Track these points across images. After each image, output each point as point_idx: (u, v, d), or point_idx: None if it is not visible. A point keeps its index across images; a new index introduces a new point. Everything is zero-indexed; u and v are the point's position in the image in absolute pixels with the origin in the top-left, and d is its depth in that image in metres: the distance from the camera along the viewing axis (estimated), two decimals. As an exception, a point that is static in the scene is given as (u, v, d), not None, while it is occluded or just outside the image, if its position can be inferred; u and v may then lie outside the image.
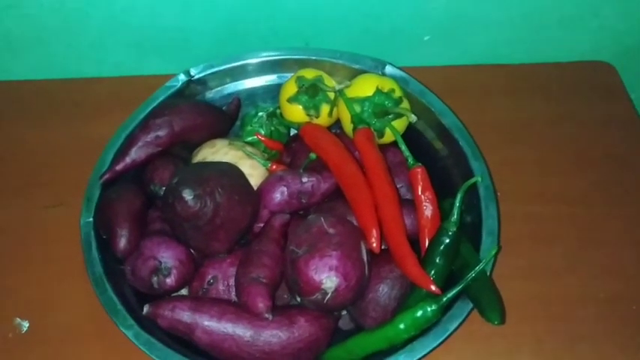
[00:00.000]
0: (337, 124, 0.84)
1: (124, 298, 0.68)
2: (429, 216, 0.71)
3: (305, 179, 0.74)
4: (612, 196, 0.87)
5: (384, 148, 0.80)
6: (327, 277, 0.62)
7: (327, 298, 0.62)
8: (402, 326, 0.63)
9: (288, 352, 0.64)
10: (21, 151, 0.93)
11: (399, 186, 0.79)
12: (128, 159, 0.75)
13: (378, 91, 0.78)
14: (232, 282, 0.69)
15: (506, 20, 0.95)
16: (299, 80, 0.81)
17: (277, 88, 0.85)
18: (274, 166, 0.78)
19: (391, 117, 0.78)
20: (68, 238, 0.75)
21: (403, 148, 0.74)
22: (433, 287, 0.64)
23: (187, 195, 0.63)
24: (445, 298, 0.63)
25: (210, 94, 0.87)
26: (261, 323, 0.64)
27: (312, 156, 0.78)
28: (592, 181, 0.88)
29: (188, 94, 0.85)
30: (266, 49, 0.86)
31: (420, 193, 0.71)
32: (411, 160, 0.73)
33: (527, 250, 0.82)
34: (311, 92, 0.81)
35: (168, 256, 0.68)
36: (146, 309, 0.65)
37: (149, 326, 0.66)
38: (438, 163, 0.81)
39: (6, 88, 0.99)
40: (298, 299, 0.66)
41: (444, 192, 0.74)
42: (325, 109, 0.82)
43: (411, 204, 0.74)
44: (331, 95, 0.81)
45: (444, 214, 0.71)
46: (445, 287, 0.65)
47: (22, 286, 0.81)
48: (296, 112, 0.82)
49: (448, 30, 0.96)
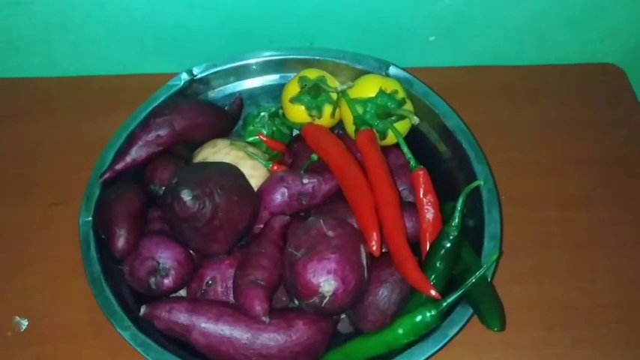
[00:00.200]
0: (340, 125, 0.83)
1: (121, 298, 0.68)
2: (431, 219, 0.70)
3: (306, 180, 0.74)
4: (617, 201, 0.86)
5: (387, 150, 0.79)
6: (325, 281, 0.61)
7: (325, 302, 0.62)
8: (400, 331, 0.62)
9: (285, 356, 0.64)
10: (24, 149, 0.93)
11: (401, 189, 0.78)
12: (128, 158, 0.75)
13: (381, 92, 0.77)
14: (231, 283, 0.69)
15: (513, 21, 0.94)
16: (301, 80, 0.81)
17: (280, 88, 0.84)
18: (275, 167, 0.78)
19: (394, 118, 0.77)
20: (70, 236, 0.75)
21: (405, 150, 0.73)
22: (433, 292, 0.63)
23: (186, 196, 0.63)
24: (445, 304, 0.62)
25: (213, 94, 0.87)
26: (258, 326, 0.63)
27: (314, 157, 0.77)
28: (597, 185, 0.87)
29: (190, 94, 0.84)
30: (269, 49, 0.85)
31: (421, 196, 0.71)
32: (413, 162, 0.72)
33: (530, 254, 0.81)
34: (313, 93, 0.80)
35: (166, 257, 0.68)
36: (143, 310, 0.64)
37: (146, 327, 0.66)
38: (442, 165, 0.80)
39: (8, 86, 0.99)
40: (296, 302, 0.65)
41: (447, 195, 0.73)
42: (328, 109, 0.81)
43: (412, 207, 0.73)
44: (334, 96, 0.80)
45: (446, 217, 0.71)
46: (445, 292, 0.64)
47: (23, 285, 0.80)
48: (298, 113, 0.81)
49: (454, 31, 0.95)
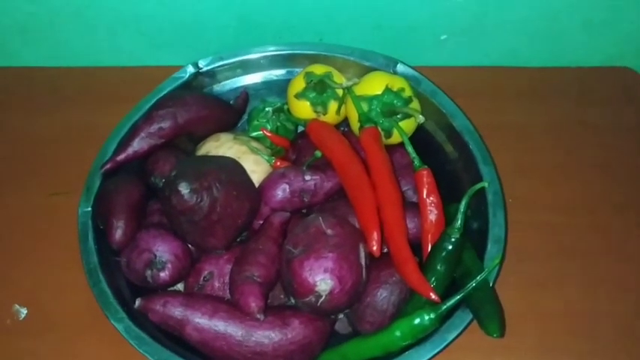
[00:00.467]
0: (345, 122, 0.82)
1: (117, 290, 0.68)
2: (433, 220, 0.68)
3: (308, 177, 0.73)
4: (630, 208, 0.84)
5: (392, 148, 0.78)
6: (321, 280, 0.60)
7: (321, 300, 0.60)
8: (398, 333, 0.61)
9: (280, 354, 0.63)
10: (29, 137, 0.93)
11: (405, 188, 0.76)
12: (130, 150, 0.74)
13: (388, 89, 0.75)
14: (228, 279, 0.68)
15: (526, 22, 0.92)
16: (308, 76, 0.79)
17: (286, 83, 0.83)
18: (278, 163, 0.77)
19: (399, 117, 0.75)
20: (71, 226, 0.74)
21: (410, 149, 0.72)
22: (432, 295, 0.61)
23: (184, 188, 0.62)
24: (444, 307, 0.60)
25: (219, 87, 0.86)
26: (253, 323, 0.62)
27: (318, 154, 0.76)
28: (609, 191, 0.85)
29: (195, 86, 0.84)
30: (276, 44, 0.85)
31: (424, 196, 0.69)
32: (417, 161, 0.71)
33: (537, 260, 0.80)
34: (319, 88, 0.79)
35: (163, 250, 0.67)
36: (138, 302, 0.64)
37: (142, 320, 0.65)
38: (448, 166, 0.79)
39: (17, 74, 0.99)
40: (292, 300, 0.64)
41: (453, 197, 0.72)
42: (333, 106, 0.80)
43: (415, 207, 0.71)
44: (340, 92, 0.79)
45: (449, 219, 0.69)
46: (446, 295, 0.62)
47: (24, 273, 0.80)
48: (303, 108, 0.80)
49: (466, 30, 0.93)
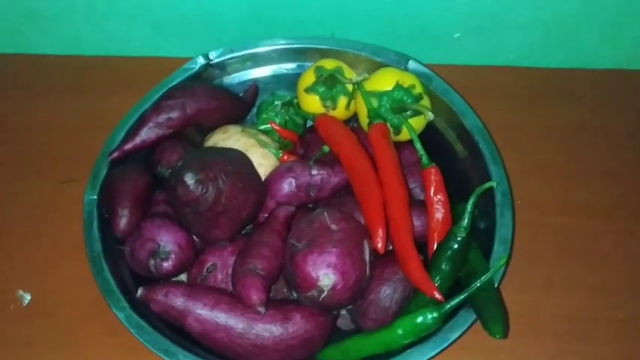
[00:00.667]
0: (355, 118, 0.81)
1: (120, 279, 0.68)
2: (440, 219, 0.68)
3: (315, 172, 0.72)
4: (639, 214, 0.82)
5: (401, 146, 0.77)
6: (324, 275, 0.59)
7: (323, 295, 0.60)
8: (400, 331, 0.60)
9: (281, 348, 0.62)
10: (40, 125, 0.93)
11: (413, 186, 0.76)
12: (138, 139, 0.74)
13: (398, 86, 0.75)
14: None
15: (541, 22, 0.91)
16: (318, 70, 0.79)
17: (297, 77, 0.83)
18: (286, 157, 0.76)
19: (409, 114, 0.75)
20: (78, 214, 0.74)
21: (418, 146, 0.71)
22: (436, 294, 0.61)
23: (189, 179, 0.62)
24: (448, 306, 0.60)
25: (228, 80, 0.85)
26: (254, 316, 0.62)
27: (325, 149, 0.75)
28: (619, 195, 0.84)
29: (205, 78, 0.83)
30: (287, 37, 0.84)
31: (432, 194, 0.68)
32: (425, 159, 0.70)
33: (544, 262, 0.79)
34: (329, 83, 0.78)
35: (167, 240, 0.67)
36: (140, 292, 0.64)
37: (144, 310, 0.65)
38: (457, 165, 0.78)
39: (29, 61, 0.99)
40: (295, 295, 0.64)
41: (461, 196, 0.70)
42: (343, 101, 0.79)
43: (422, 205, 0.71)
44: (350, 87, 0.79)
45: (457, 218, 0.68)
46: (450, 295, 0.61)
47: (30, 259, 0.81)
48: (312, 103, 0.80)
49: (480, 28, 0.92)
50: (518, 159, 0.84)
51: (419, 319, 0.60)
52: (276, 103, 0.83)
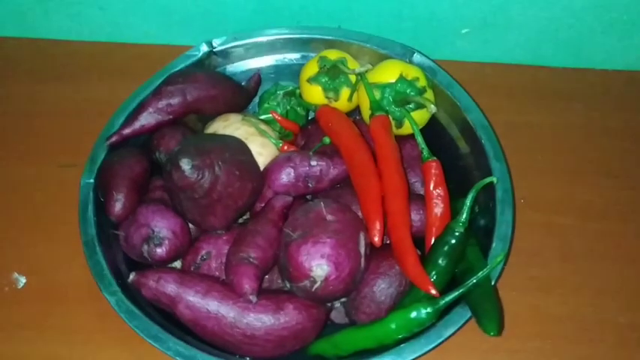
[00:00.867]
0: (357, 111, 0.80)
1: (113, 264, 0.67)
2: (439, 214, 0.66)
3: (314, 162, 0.71)
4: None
5: (403, 139, 0.76)
6: (317, 265, 0.59)
7: (316, 286, 0.59)
8: (393, 326, 0.59)
9: (271, 339, 0.61)
10: (43, 109, 0.92)
11: (413, 181, 0.75)
12: (137, 124, 0.73)
13: (402, 78, 0.74)
14: (226, 260, 0.67)
15: (551, 20, 0.89)
16: (321, 60, 0.78)
17: (301, 67, 0.82)
18: (286, 147, 0.75)
19: (412, 106, 0.74)
20: (77, 199, 0.74)
21: (419, 139, 0.70)
22: (431, 289, 0.59)
23: (185, 164, 0.61)
24: (442, 302, 0.59)
25: (232, 68, 0.84)
26: (246, 305, 0.61)
27: (326, 140, 0.75)
28: (624, 197, 0.82)
29: (208, 65, 0.83)
30: (292, 27, 0.83)
31: (431, 188, 0.67)
32: (425, 152, 0.69)
33: (546, 262, 0.77)
34: (332, 74, 0.77)
35: (162, 226, 0.66)
36: (132, 277, 0.63)
37: (136, 296, 0.65)
38: (460, 161, 0.77)
39: (33, 46, 0.98)
40: (288, 285, 0.63)
41: (463, 193, 0.69)
42: (345, 92, 0.78)
43: (422, 200, 0.70)
44: (353, 79, 0.78)
45: (456, 214, 0.67)
46: (446, 291, 0.60)
47: (27, 242, 0.80)
48: (315, 93, 0.79)
49: (489, 25, 0.91)
50: (522, 157, 0.83)
51: (413, 314, 0.59)
52: (278, 92, 0.82)
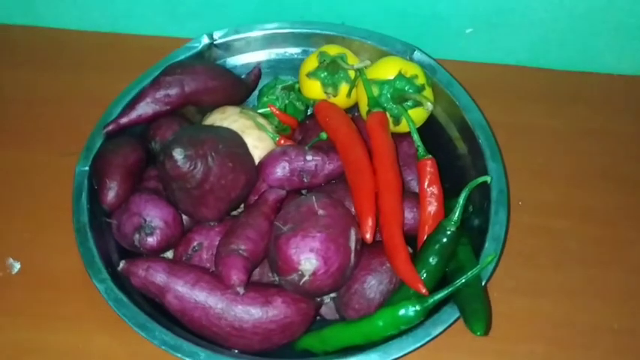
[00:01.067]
0: (356, 107, 0.80)
1: (104, 252, 0.67)
2: (432, 212, 0.66)
3: (309, 157, 0.71)
4: (640, 222, 0.80)
5: (400, 137, 0.76)
6: (305, 259, 0.58)
7: (304, 280, 0.59)
8: (380, 323, 0.59)
9: (259, 332, 0.61)
10: (45, 97, 0.93)
11: (409, 179, 0.74)
12: (134, 113, 0.73)
13: (401, 75, 0.73)
14: (216, 251, 0.67)
15: (556, 22, 0.88)
16: (321, 55, 0.78)
17: (301, 62, 0.81)
18: (282, 141, 0.75)
19: (410, 104, 0.73)
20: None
21: (415, 136, 0.69)
22: (421, 287, 0.59)
23: (177, 154, 0.61)
24: (431, 300, 0.58)
25: (232, 61, 0.84)
26: (234, 297, 0.61)
27: (323, 135, 0.74)
28: (622, 202, 0.81)
29: (208, 58, 0.82)
30: (294, 21, 0.83)
31: (425, 186, 0.67)
32: (421, 150, 0.68)
33: (540, 265, 0.77)
34: (331, 69, 0.77)
35: (154, 215, 0.66)
36: (121, 265, 0.63)
37: (126, 285, 0.65)
38: (457, 161, 0.76)
39: (37, 34, 0.99)
40: (276, 278, 0.62)
41: (459, 192, 0.69)
42: (344, 88, 0.78)
43: (416, 198, 0.69)
44: (352, 75, 0.77)
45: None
46: (436, 290, 0.60)
47: (23, 228, 0.80)
48: (313, 88, 0.78)
49: (493, 25, 0.90)
50: (521, 159, 0.83)
51: (401, 312, 0.58)
52: (277, 86, 0.82)
